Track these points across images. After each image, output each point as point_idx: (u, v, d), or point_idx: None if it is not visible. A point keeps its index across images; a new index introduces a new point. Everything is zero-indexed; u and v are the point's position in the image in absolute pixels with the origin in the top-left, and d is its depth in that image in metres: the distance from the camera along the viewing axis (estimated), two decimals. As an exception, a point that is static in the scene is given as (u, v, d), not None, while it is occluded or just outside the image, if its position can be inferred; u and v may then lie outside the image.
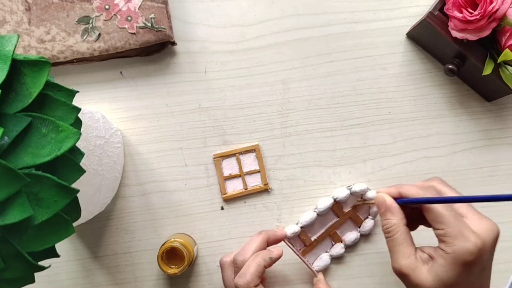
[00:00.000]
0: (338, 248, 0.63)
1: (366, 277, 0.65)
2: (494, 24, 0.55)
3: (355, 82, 0.65)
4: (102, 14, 0.62)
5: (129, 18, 0.62)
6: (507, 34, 0.56)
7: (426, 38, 0.63)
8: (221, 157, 0.64)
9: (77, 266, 0.64)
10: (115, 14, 0.62)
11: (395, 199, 0.51)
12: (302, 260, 0.63)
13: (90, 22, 0.62)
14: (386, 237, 0.50)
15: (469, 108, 0.65)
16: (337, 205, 0.63)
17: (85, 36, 0.62)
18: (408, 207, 0.51)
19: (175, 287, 0.64)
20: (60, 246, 0.62)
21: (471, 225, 0.47)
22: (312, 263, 0.63)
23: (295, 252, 0.62)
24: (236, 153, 0.65)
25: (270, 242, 0.59)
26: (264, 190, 0.65)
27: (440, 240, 0.47)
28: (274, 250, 0.58)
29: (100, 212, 0.62)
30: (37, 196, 0.36)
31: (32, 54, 0.60)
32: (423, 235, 0.51)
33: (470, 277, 0.46)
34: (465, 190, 0.64)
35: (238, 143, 0.65)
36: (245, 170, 0.65)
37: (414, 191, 0.50)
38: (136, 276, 0.64)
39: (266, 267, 0.56)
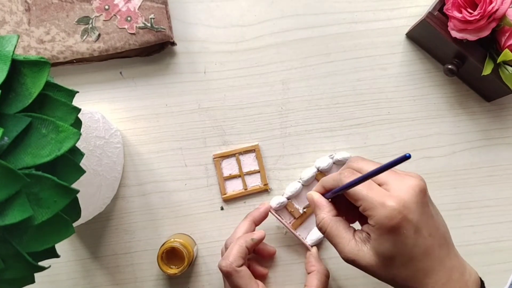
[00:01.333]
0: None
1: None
2: (493, 24, 0.55)
3: (355, 82, 0.65)
4: (101, 14, 0.62)
5: (129, 18, 0.62)
6: (507, 34, 0.56)
7: (426, 38, 0.63)
8: (221, 157, 0.64)
9: (77, 267, 0.64)
10: (114, 15, 0.62)
11: (323, 194, 0.51)
12: (293, 234, 0.63)
13: (90, 22, 0.62)
14: (322, 233, 0.49)
15: (468, 108, 0.65)
16: (321, 175, 0.64)
17: (84, 37, 0.62)
18: (343, 199, 0.49)
19: (175, 287, 0.64)
20: (60, 247, 0.62)
21: (392, 190, 0.45)
22: (305, 238, 0.64)
23: (284, 225, 0.63)
24: (236, 153, 0.65)
25: (257, 220, 0.61)
26: (264, 190, 0.65)
27: (365, 216, 0.45)
28: (256, 232, 0.59)
29: (100, 213, 0.62)
30: (37, 197, 0.36)
31: (32, 55, 0.60)
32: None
33: (406, 241, 0.44)
34: (465, 190, 0.64)
35: (238, 143, 0.65)
36: (245, 170, 0.65)
37: (331, 180, 0.50)
38: (136, 277, 0.64)
39: (249, 248, 0.57)
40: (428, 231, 0.45)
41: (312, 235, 0.63)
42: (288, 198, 0.64)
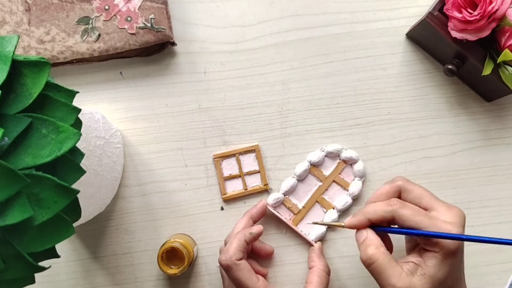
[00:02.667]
0: (332, 215, 0.64)
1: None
2: (493, 25, 0.55)
3: (355, 82, 0.65)
4: (102, 14, 0.62)
5: (129, 18, 0.62)
6: (507, 34, 0.56)
7: (426, 38, 0.63)
8: (221, 158, 0.64)
9: (77, 267, 0.64)
10: (114, 15, 0.62)
11: (370, 226, 0.51)
12: (295, 230, 0.63)
13: (90, 22, 0.62)
14: (370, 266, 0.49)
15: (468, 108, 0.65)
16: (315, 169, 0.64)
17: (85, 37, 0.62)
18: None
19: (175, 287, 0.64)
20: (60, 247, 0.62)
21: (443, 216, 0.48)
22: (308, 234, 0.64)
23: (285, 221, 0.63)
24: (236, 154, 0.65)
25: (255, 217, 0.62)
26: (264, 191, 0.65)
27: (425, 243, 0.48)
28: (254, 226, 0.59)
29: (100, 213, 0.62)
30: (37, 197, 0.36)
31: (32, 55, 0.60)
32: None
33: (458, 263, 0.48)
34: (465, 190, 0.64)
35: (237, 143, 0.65)
36: (245, 170, 0.65)
37: (380, 210, 0.50)
38: (136, 277, 0.64)
39: (248, 242, 0.57)
40: (463, 256, 0.50)
41: (313, 231, 0.63)
42: (285, 194, 0.64)
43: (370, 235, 0.51)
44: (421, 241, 0.48)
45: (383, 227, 0.51)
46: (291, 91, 0.65)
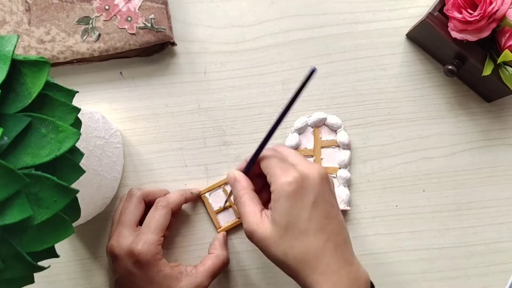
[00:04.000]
0: (343, 173, 0.64)
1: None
2: (493, 25, 0.55)
3: (355, 82, 0.65)
4: (102, 14, 0.62)
5: (129, 18, 0.62)
6: (507, 35, 0.56)
7: (426, 39, 0.63)
8: (207, 192, 0.64)
9: (77, 267, 0.64)
10: (115, 15, 0.62)
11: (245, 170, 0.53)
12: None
13: (90, 22, 0.62)
14: (235, 204, 0.52)
15: (468, 109, 0.65)
16: (299, 150, 0.64)
17: (85, 37, 0.62)
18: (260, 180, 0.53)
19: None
20: (59, 247, 0.62)
21: (299, 167, 0.48)
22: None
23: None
24: (221, 185, 0.64)
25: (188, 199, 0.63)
26: None
27: (269, 185, 0.48)
28: (193, 188, 0.63)
29: (100, 213, 0.62)
30: (36, 196, 0.36)
31: (32, 55, 0.60)
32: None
33: (301, 212, 0.46)
34: (465, 191, 0.64)
35: (237, 143, 0.65)
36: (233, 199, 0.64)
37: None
38: (136, 277, 0.64)
39: (187, 200, 0.61)
40: (325, 214, 0.47)
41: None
42: None
43: (239, 174, 0.53)
44: (269, 183, 0.49)
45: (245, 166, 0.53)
46: (291, 91, 0.65)
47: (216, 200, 0.64)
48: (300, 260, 0.46)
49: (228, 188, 0.64)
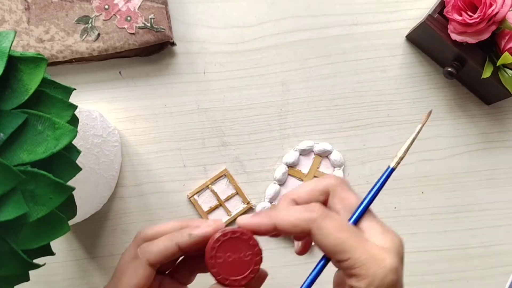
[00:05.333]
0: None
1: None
2: (493, 27, 0.55)
3: (354, 84, 0.65)
4: (101, 14, 0.62)
5: (129, 18, 0.62)
6: (507, 37, 0.56)
7: (426, 40, 0.63)
8: (195, 194, 0.64)
9: (74, 267, 0.64)
10: (114, 14, 0.62)
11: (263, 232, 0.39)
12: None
13: (90, 22, 0.62)
14: None
15: (468, 111, 0.65)
16: (293, 170, 0.64)
17: (84, 36, 0.62)
18: None
19: None
20: (56, 247, 0.62)
21: (375, 240, 0.37)
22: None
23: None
24: (208, 185, 0.64)
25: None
26: (249, 209, 0.64)
27: (347, 274, 0.36)
28: (199, 222, 0.42)
29: (97, 213, 0.62)
30: (32, 193, 0.36)
31: (31, 53, 0.60)
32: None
33: None
34: (464, 193, 0.64)
35: (236, 144, 0.65)
36: (222, 197, 0.64)
37: (294, 218, 0.37)
38: (133, 277, 0.64)
39: (181, 247, 0.41)
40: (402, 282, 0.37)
41: None
42: (271, 201, 0.64)
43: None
44: (345, 271, 0.36)
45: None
46: (290, 92, 0.65)
47: (205, 200, 0.64)
48: None
49: (215, 188, 0.64)
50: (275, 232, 0.38)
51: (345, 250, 0.35)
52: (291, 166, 0.64)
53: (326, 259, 0.38)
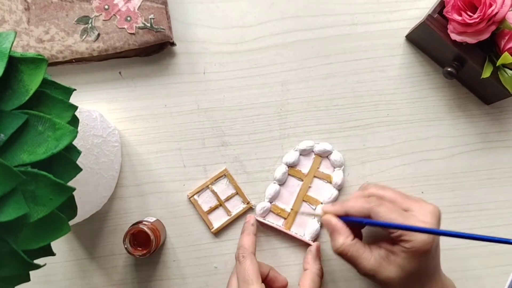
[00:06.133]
0: (321, 210, 0.64)
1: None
2: (493, 27, 0.55)
3: (354, 84, 0.65)
4: (101, 14, 0.62)
5: (129, 18, 0.62)
6: (506, 37, 0.56)
7: (425, 40, 0.63)
8: (195, 194, 0.64)
9: (75, 267, 0.64)
10: (114, 14, 0.62)
11: (341, 216, 0.54)
12: (289, 234, 0.63)
13: (89, 22, 0.62)
14: (341, 257, 0.53)
15: (467, 111, 0.65)
16: (293, 170, 0.64)
17: (84, 36, 0.62)
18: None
19: (174, 286, 0.64)
20: (57, 247, 0.62)
21: (418, 216, 0.51)
22: (303, 235, 0.64)
23: (277, 227, 0.63)
24: (208, 185, 0.64)
25: (254, 232, 0.62)
26: (249, 209, 0.64)
27: (398, 240, 0.50)
28: (249, 219, 0.62)
29: (97, 213, 0.62)
30: (33, 194, 0.36)
31: (31, 54, 0.60)
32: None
33: (429, 259, 0.51)
34: (463, 193, 0.64)
35: (236, 144, 0.65)
36: (222, 197, 0.64)
37: (359, 205, 0.53)
38: (134, 277, 0.64)
39: (255, 234, 0.61)
40: (438, 251, 0.53)
41: (308, 230, 0.63)
42: (270, 201, 0.64)
43: (338, 225, 0.54)
44: (395, 239, 0.50)
45: (350, 218, 0.54)
46: (290, 92, 0.65)
47: (205, 200, 0.64)
48: None
49: (215, 188, 0.64)
50: (346, 215, 0.54)
51: (392, 228, 0.50)
52: (291, 166, 0.64)
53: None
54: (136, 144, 0.65)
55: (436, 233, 0.48)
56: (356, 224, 0.55)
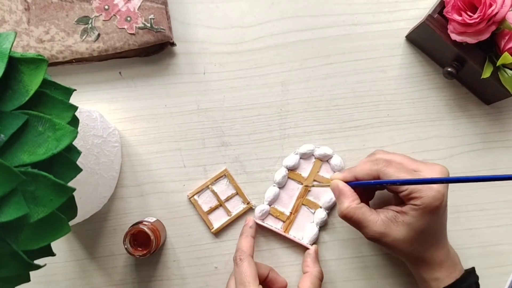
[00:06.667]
0: (320, 214, 0.63)
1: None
2: (493, 28, 0.55)
3: (354, 84, 0.65)
4: (101, 14, 0.62)
5: (129, 18, 0.62)
6: (506, 38, 0.56)
7: (426, 41, 0.63)
8: (195, 194, 0.64)
9: (75, 267, 0.64)
10: (114, 15, 0.62)
11: (350, 182, 0.55)
12: (288, 237, 0.63)
13: (90, 22, 0.62)
14: (347, 221, 0.54)
15: (467, 111, 0.65)
16: (293, 173, 0.64)
17: (84, 36, 0.62)
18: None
19: (174, 286, 0.64)
20: (57, 247, 0.62)
21: (427, 175, 0.52)
22: (302, 238, 0.64)
23: (276, 230, 0.63)
24: (208, 185, 0.64)
25: (253, 235, 0.62)
26: (249, 209, 0.64)
27: (407, 199, 0.51)
28: (248, 221, 0.63)
29: (97, 213, 0.62)
30: (33, 195, 0.36)
31: (31, 54, 0.60)
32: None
33: (438, 218, 0.52)
34: (463, 193, 0.64)
35: (236, 144, 0.65)
36: (222, 198, 0.64)
37: (367, 168, 0.54)
38: (134, 277, 0.64)
39: (253, 236, 0.61)
40: (446, 212, 0.54)
41: (307, 234, 0.63)
42: (270, 204, 0.64)
43: (344, 189, 0.55)
44: (405, 197, 0.52)
45: (359, 182, 0.55)
46: (290, 92, 0.65)
47: (205, 201, 0.64)
48: (424, 251, 0.53)
49: (215, 188, 0.64)
50: (355, 180, 0.55)
51: (402, 184, 0.51)
52: (291, 169, 0.64)
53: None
54: (136, 144, 0.65)
55: (447, 181, 0.48)
56: (367, 190, 0.57)
